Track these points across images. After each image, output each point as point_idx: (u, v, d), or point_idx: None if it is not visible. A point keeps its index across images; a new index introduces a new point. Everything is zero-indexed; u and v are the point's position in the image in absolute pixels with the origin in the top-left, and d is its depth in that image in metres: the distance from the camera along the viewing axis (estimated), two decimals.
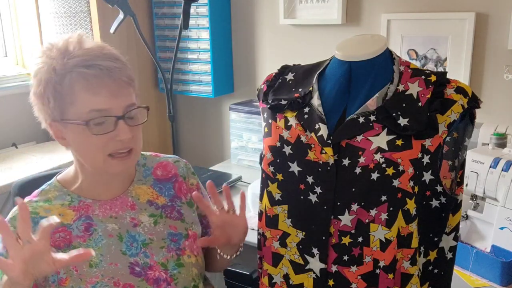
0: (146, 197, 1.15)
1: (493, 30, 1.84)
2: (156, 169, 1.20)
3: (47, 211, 1.06)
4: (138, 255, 1.09)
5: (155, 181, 1.18)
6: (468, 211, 1.51)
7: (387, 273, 0.96)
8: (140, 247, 1.09)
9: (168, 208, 1.16)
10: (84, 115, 1.00)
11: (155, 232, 1.12)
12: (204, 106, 2.64)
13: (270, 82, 1.13)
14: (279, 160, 1.04)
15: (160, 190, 1.18)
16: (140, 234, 1.11)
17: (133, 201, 1.13)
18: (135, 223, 1.11)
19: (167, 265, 1.10)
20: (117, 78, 1.00)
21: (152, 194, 1.16)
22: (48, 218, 0.88)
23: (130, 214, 1.12)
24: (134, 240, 1.10)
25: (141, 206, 1.14)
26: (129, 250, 1.08)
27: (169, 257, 1.11)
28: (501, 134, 1.59)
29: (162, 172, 1.20)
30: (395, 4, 2.01)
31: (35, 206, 1.06)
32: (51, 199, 1.08)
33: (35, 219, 1.03)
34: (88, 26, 2.30)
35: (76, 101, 1.00)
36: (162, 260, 1.10)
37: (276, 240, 1.06)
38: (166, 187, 1.19)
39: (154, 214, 1.14)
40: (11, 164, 2.15)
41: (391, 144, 0.94)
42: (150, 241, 1.11)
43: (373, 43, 1.03)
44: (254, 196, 1.72)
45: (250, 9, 2.39)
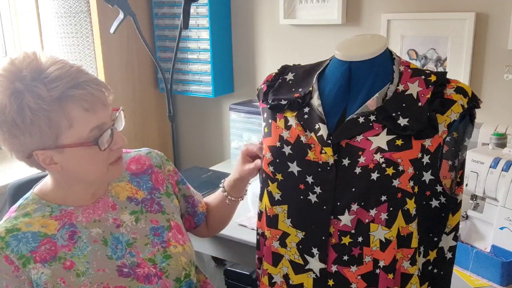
0: (126, 193, 1.16)
1: (493, 30, 1.84)
2: (130, 164, 1.21)
3: (28, 225, 1.04)
4: (124, 256, 1.09)
5: (131, 176, 1.19)
6: (468, 211, 1.51)
7: (387, 273, 0.96)
8: (125, 248, 1.10)
9: (148, 201, 1.17)
10: (85, 135, 0.99)
11: (138, 230, 1.13)
12: (204, 106, 2.64)
13: (270, 82, 1.13)
14: (278, 160, 1.04)
15: (138, 184, 1.18)
16: (124, 235, 1.11)
17: (113, 200, 1.14)
18: (117, 223, 1.12)
19: (154, 260, 1.10)
20: (100, 89, 1.02)
21: (131, 189, 1.17)
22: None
23: (112, 215, 1.12)
24: (118, 242, 1.10)
25: (121, 204, 1.14)
26: (114, 253, 1.08)
27: (155, 251, 1.12)
28: (501, 134, 1.59)
29: (136, 165, 1.21)
30: (395, 4, 2.01)
31: (14, 223, 1.04)
32: (30, 212, 1.06)
33: (17, 236, 1.02)
34: (88, 26, 2.30)
35: (74, 123, 0.98)
36: (149, 256, 1.10)
37: (276, 240, 1.06)
38: (143, 180, 1.19)
39: (134, 211, 1.15)
40: (10, 164, 2.15)
41: (391, 144, 0.94)
42: (134, 240, 1.11)
43: (373, 43, 1.03)
44: (254, 196, 1.71)
45: (250, 9, 2.39)
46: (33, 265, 1.01)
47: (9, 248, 1.01)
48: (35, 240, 1.03)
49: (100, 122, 1.01)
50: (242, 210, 1.80)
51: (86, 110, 0.98)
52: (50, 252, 1.03)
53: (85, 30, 2.31)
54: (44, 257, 1.03)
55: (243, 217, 1.75)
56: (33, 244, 1.02)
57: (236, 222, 1.62)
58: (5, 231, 1.02)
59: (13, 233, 1.02)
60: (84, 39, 2.32)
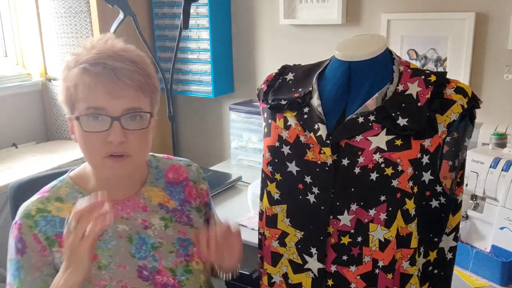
0: (158, 199, 1.15)
1: (493, 30, 1.84)
2: (168, 171, 1.20)
3: (59, 210, 1.05)
4: (147, 258, 1.08)
5: (166, 184, 1.18)
6: (468, 211, 1.51)
7: (386, 273, 0.96)
8: (149, 250, 1.09)
9: (178, 212, 1.16)
10: (84, 111, 0.99)
11: (165, 236, 1.12)
12: (204, 106, 2.64)
13: (270, 82, 1.13)
14: (277, 160, 1.04)
15: (170, 194, 1.17)
16: (150, 237, 1.10)
17: (144, 202, 1.13)
18: (146, 225, 1.11)
19: (175, 271, 1.09)
20: (122, 79, 0.99)
21: (163, 197, 1.16)
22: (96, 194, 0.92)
23: (141, 215, 1.11)
24: (144, 243, 1.09)
25: (152, 208, 1.13)
26: (138, 252, 1.08)
27: (178, 262, 1.10)
28: (501, 134, 1.59)
29: (174, 175, 1.20)
30: (395, 4, 2.01)
31: (46, 204, 1.06)
32: (63, 196, 1.08)
33: (47, 217, 1.04)
34: (88, 26, 2.30)
35: (79, 97, 1.00)
36: (170, 265, 1.09)
37: (275, 239, 1.06)
38: (177, 191, 1.18)
39: (164, 218, 1.13)
40: (11, 164, 2.15)
41: (390, 144, 0.94)
42: (160, 244, 1.10)
43: (373, 43, 1.03)
44: (254, 196, 1.72)
45: (250, 9, 2.39)
46: (57, 248, 1.02)
47: (38, 227, 1.02)
48: (61, 225, 1.03)
49: (98, 105, 0.98)
50: (242, 210, 1.81)
51: (87, 86, 0.98)
52: None
53: (85, 30, 2.31)
54: None
55: (243, 217, 1.75)
56: (59, 229, 1.03)
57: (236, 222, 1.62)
58: (36, 210, 1.04)
59: (43, 214, 1.04)
60: (84, 39, 2.32)
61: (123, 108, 1.00)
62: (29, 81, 2.49)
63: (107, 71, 0.98)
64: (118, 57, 1.01)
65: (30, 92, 2.51)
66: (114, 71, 0.98)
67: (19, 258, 1.02)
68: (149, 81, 1.04)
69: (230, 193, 2.02)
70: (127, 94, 1.00)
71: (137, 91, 1.01)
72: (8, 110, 2.42)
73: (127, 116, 1.00)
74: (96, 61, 0.99)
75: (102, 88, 0.98)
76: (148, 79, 1.03)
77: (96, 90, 0.98)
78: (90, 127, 1.00)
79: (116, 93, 0.99)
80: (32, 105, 2.54)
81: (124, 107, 1.00)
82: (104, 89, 0.98)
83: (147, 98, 1.04)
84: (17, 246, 1.02)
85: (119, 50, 1.03)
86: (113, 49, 1.02)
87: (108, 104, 0.99)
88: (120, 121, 0.99)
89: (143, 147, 1.05)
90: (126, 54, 1.02)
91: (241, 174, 2.18)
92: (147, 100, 1.04)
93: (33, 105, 2.54)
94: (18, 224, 1.03)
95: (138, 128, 1.02)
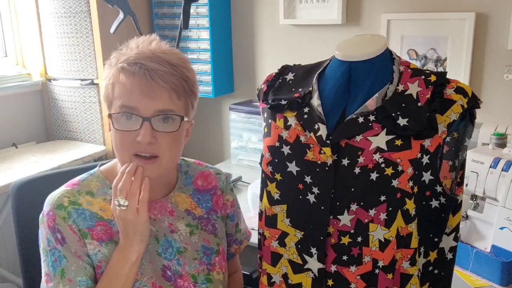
0: (185, 205, 1.15)
1: (493, 30, 1.84)
2: (198, 178, 1.20)
3: (89, 204, 1.06)
4: (172, 260, 1.09)
5: (194, 191, 1.18)
6: (468, 211, 1.51)
7: (386, 273, 0.96)
8: (175, 254, 1.10)
9: (204, 220, 1.16)
10: (118, 110, 1.00)
11: (190, 242, 1.12)
12: (204, 106, 2.64)
13: (270, 82, 1.13)
14: (277, 160, 1.04)
15: (198, 201, 1.17)
16: (176, 241, 1.10)
17: (172, 207, 1.13)
18: (172, 229, 1.11)
19: (197, 278, 1.10)
20: (155, 80, 0.98)
21: (190, 204, 1.16)
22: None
23: (168, 219, 1.11)
24: (170, 246, 1.09)
25: (179, 213, 1.13)
26: (164, 253, 1.08)
27: (200, 270, 1.11)
28: (501, 134, 1.59)
29: (203, 182, 1.20)
30: (395, 4, 2.01)
31: (78, 197, 1.06)
32: (93, 190, 1.08)
33: (78, 210, 1.04)
34: (88, 26, 2.30)
35: (115, 95, 1.01)
36: (193, 272, 1.10)
37: (275, 239, 1.06)
38: (204, 199, 1.18)
39: (191, 224, 1.14)
40: (11, 164, 2.15)
41: (390, 144, 0.94)
42: (185, 250, 1.11)
43: (373, 43, 1.03)
44: (254, 196, 1.72)
45: (250, 9, 2.39)
46: (90, 240, 1.04)
47: (71, 218, 1.03)
48: (91, 219, 1.05)
49: (132, 104, 0.99)
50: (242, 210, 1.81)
51: (123, 85, 0.99)
52: (106, 233, 1.05)
53: (85, 30, 2.31)
54: (101, 236, 1.04)
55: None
56: (89, 222, 1.04)
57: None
58: (68, 201, 1.05)
59: (74, 206, 1.05)
60: (84, 39, 2.32)
61: (155, 109, 0.99)
62: (29, 81, 2.49)
63: (143, 71, 0.99)
64: (156, 58, 1.01)
65: (30, 92, 2.51)
66: (149, 72, 0.98)
67: (59, 247, 1.02)
68: (184, 84, 1.03)
69: None
70: (160, 96, 0.99)
71: (170, 93, 1.00)
72: (8, 110, 2.42)
73: (159, 117, 1.00)
74: (134, 61, 1.00)
75: (136, 88, 0.99)
76: (184, 82, 1.02)
77: (131, 90, 0.99)
78: (122, 125, 1.00)
79: (149, 94, 0.99)
80: (32, 105, 2.54)
81: (156, 109, 0.99)
82: (138, 89, 0.99)
83: (181, 101, 1.03)
84: (56, 236, 1.02)
85: (159, 52, 1.03)
86: (154, 51, 1.02)
87: (140, 104, 0.99)
88: (150, 122, 0.99)
89: (173, 150, 1.04)
90: (165, 56, 1.02)
91: (241, 174, 2.18)
92: (181, 104, 1.03)
93: (33, 105, 2.54)
94: (52, 215, 1.03)
95: (168, 130, 1.01)
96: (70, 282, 1.01)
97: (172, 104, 1.01)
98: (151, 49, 1.03)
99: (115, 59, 1.03)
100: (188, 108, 1.06)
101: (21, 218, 1.32)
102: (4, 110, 2.40)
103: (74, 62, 2.37)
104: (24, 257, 1.33)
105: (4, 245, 2.39)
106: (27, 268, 1.33)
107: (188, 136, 1.11)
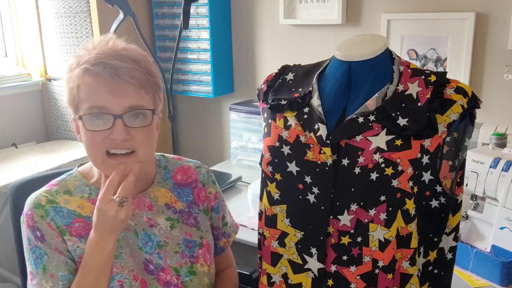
0: (164, 200, 1.15)
1: (493, 30, 1.84)
2: (177, 173, 1.20)
3: (67, 202, 1.08)
4: (153, 254, 1.09)
5: (174, 185, 1.18)
6: (468, 211, 1.51)
7: (386, 273, 0.96)
8: (155, 248, 1.10)
9: (185, 214, 1.16)
10: (87, 111, 1.00)
11: (171, 236, 1.12)
12: (204, 106, 2.64)
13: (270, 82, 1.13)
14: (277, 160, 1.04)
15: (178, 195, 1.17)
16: (156, 235, 1.11)
17: (151, 202, 1.13)
18: (151, 223, 1.11)
19: (179, 271, 1.10)
20: (122, 77, 0.99)
21: (170, 198, 1.16)
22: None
23: (147, 214, 1.12)
24: (150, 240, 1.10)
25: (158, 208, 1.14)
26: (144, 247, 1.09)
27: (183, 263, 1.11)
28: (501, 134, 1.59)
29: (182, 176, 1.20)
30: (395, 4, 2.01)
31: (55, 196, 1.08)
32: (71, 189, 1.10)
33: (56, 208, 1.06)
34: (88, 26, 2.30)
35: (82, 97, 1.01)
36: (175, 265, 1.10)
37: (275, 239, 1.06)
38: (185, 192, 1.18)
39: (171, 218, 1.14)
40: (11, 164, 2.15)
41: (390, 144, 0.94)
42: (165, 243, 1.11)
43: (373, 43, 1.03)
44: (254, 196, 1.72)
45: (250, 9, 2.39)
46: (69, 237, 1.05)
47: (49, 216, 1.05)
48: (69, 216, 1.06)
49: (101, 104, 0.99)
50: (242, 210, 1.81)
51: (89, 86, 0.99)
52: (84, 229, 1.06)
53: (85, 30, 2.31)
54: (79, 233, 1.06)
55: (243, 217, 1.75)
56: (67, 219, 1.06)
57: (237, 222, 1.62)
58: (46, 200, 1.06)
59: (52, 204, 1.06)
60: (84, 39, 2.33)
61: (125, 106, 1.00)
62: (29, 81, 2.49)
63: (108, 70, 0.99)
64: (118, 56, 1.01)
65: (30, 92, 2.51)
66: (115, 70, 0.99)
67: (39, 245, 1.04)
68: (150, 79, 1.04)
69: (230, 193, 2.02)
70: (128, 92, 1.00)
71: (138, 89, 1.01)
72: (8, 110, 2.42)
73: (130, 114, 1.01)
74: (97, 61, 1.00)
75: (103, 87, 0.99)
76: (149, 77, 1.04)
77: (98, 90, 0.99)
78: (93, 126, 1.00)
79: (117, 91, 0.99)
80: (32, 105, 2.54)
81: (126, 105, 1.00)
82: (106, 88, 0.99)
83: (149, 95, 1.04)
84: (36, 234, 1.04)
85: (120, 50, 1.03)
86: (114, 49, 1.03)
87: (110, 103, 0.99)
88: (122, 119, 1.00)
89: (148, 143, 1.06)
90: (127, 53, 1.03)
91: (241, 174, 2.18)
92: (150, 98, 1.05)
93: (33, 105, 2.54)
94: (30, 215, 1.05)
95: (141, 125, 1.02)
96: (52, 277, 1.02)
97: (141, 99, 1.02)
98: (110, 47, 1.03)
99: (76, 62, 1.02)
100: (156, 102, 1.07)
101: (20, 218, 1.32)
102: (4, 110, 2.40)
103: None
104: (23, 257, 1.32)
105: (4, 245, 2.39)
106: (26, 268, 1.33)
107: (158, 130, 1.12)
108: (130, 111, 1.01)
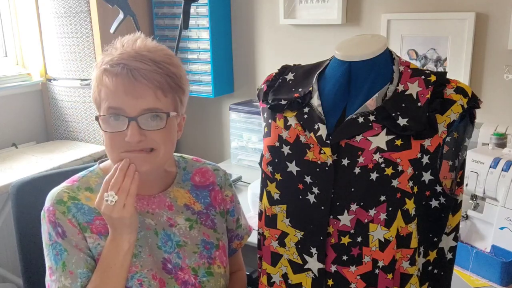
0: (184, 200, 1.16)
1: (493, 30, 1.84)
2: (195, 174, 1.20)
3: (88, 199, 1.07)
4: (171, 253, 1.10)
5: (192, 186, 1.19)
6: (468, 211, 1.51)
7: (386, 273, 0.96)
8: (174, 247, 1.10)
9: (203, 215, 1.17)
10: (105, 111, 1.01)
11: (190, 236, 1.13)
12: (204, 106, 2.64)
13: (270, 82, 1.13)
14: (277, 160, 1.04)
15: (196, 197, 1.18)
16: (175, 235, 1.11)
17: (171, 202, 1.14)
18: (171, 223, 1.12)
19: (197, 271, 1.11)
20: (138, 79, 0.98)
21: (189, 199, 1.17)
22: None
23: (167, 213, 1.12)
24: (169, 239, 1.10)
25: (178, 208, 1.14)
26: (163, 246, 1.09)
27: (201, 263, 1.12)
28: (501, 134, 1.59)
29: (201, 178, 1.20)
30: (395, 4, 2.01)
31: (77, 193, 1.08)
32: (92, 186, 1.10)
33: (77, 205, 1.06)
34: (88, 26, 2.30)
35: (102, 97, 1.01)
36: (193, 265, 1.11)
37: (275, 239, 1.06)
38: (203, 194, 1.19)
39: (190, 219, 1.14)
40: (11, 164, 2.15)
41: (390, 144, 0.94)
42: (184, 243, 1.12)
43: (373, 43, 1.03)
44: (254, 196, 1.72)
45: (250, 9, 2.39)
46: (90, 234, 1.05)
47: (70, 213, 1.05)
48: (90, 214, 1.06)
49: (117, 105, 0.99)
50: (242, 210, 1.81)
51: (107, 87, 0.99)
52: (105, 227, 1.05)
53: (85, 30, 2.31)
54: (100, 230, 1.06)
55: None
56: (88, 216, 1.06)
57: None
58: (68, 196, 1.06)
59: (74, 201, 1.06)
60: (84, 39, 2.33)
61: (141, 108, 0.99)
62: (29, 81, 2.49)
63: (126, 71, 0.98)
64: (139, 57, 1.00)
65: (30, 92, 2.51)
66: (132, 72, 0.98)
67: (60, 241, 1.03)
68: (169, 80, 1.02)
69: None
70: (144, 95, 0.99)
71: (155, 91, 1.00)
72: (8, 110, 2.42)
73: (146, 116, 1.00)
74: (117, 62, 1.00)
75: (120, 88, 0.99)
76: (169, 79, 1.02)
77: (115, 91, 0.99)
78: (110, 127, 1.01)
79: (133, 93, 0.99)
80: (32, 105, 2.54)
81: (142, 107, 0.99)
82: (122, 89, 0.98)
83: (168, 98, 1.03)
84: (57, 230, 1.03)
85: (143, 50, 1.02)
86: (137, 49, 1.02)
87: (125, 105, 0.99)
88: (137, 121, 0.99)
89: (167, 143, 1.05)
90: (149, 54, 1.02)
91: (241, 174, 2.18)
92: (168, 100, 1.03)
93: (33, 105, 2.54)
94: (52, 210, 1.04)
95: (156, 128, 1.01)
96: (71, 274, 1.02)
97: (158, 102, 1.01)
98: (135, 48, 1.03)
99: (101, 60, 1.03)
100: (177, 103, 1.06)
101: (21, 218, 1.32)
102: (4, 110, 2.40)
103: (74, 62, 2.37)
104: (24, 257, 1.33)
105: (4, 245, 2.39)
106: (27, 268, 1.33)
107: (180, 130, 1.12)
108: (145, 113, 1.00)
